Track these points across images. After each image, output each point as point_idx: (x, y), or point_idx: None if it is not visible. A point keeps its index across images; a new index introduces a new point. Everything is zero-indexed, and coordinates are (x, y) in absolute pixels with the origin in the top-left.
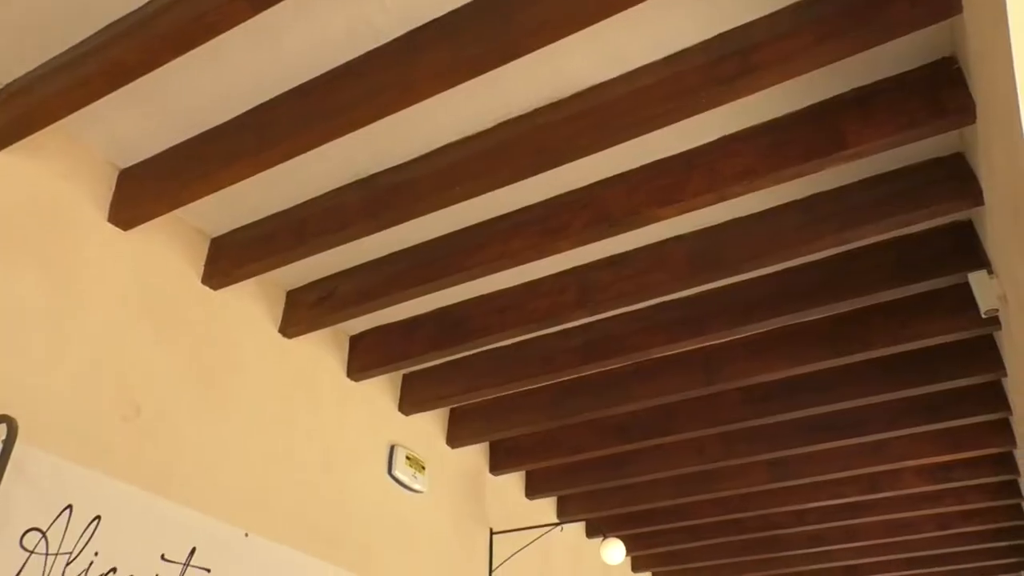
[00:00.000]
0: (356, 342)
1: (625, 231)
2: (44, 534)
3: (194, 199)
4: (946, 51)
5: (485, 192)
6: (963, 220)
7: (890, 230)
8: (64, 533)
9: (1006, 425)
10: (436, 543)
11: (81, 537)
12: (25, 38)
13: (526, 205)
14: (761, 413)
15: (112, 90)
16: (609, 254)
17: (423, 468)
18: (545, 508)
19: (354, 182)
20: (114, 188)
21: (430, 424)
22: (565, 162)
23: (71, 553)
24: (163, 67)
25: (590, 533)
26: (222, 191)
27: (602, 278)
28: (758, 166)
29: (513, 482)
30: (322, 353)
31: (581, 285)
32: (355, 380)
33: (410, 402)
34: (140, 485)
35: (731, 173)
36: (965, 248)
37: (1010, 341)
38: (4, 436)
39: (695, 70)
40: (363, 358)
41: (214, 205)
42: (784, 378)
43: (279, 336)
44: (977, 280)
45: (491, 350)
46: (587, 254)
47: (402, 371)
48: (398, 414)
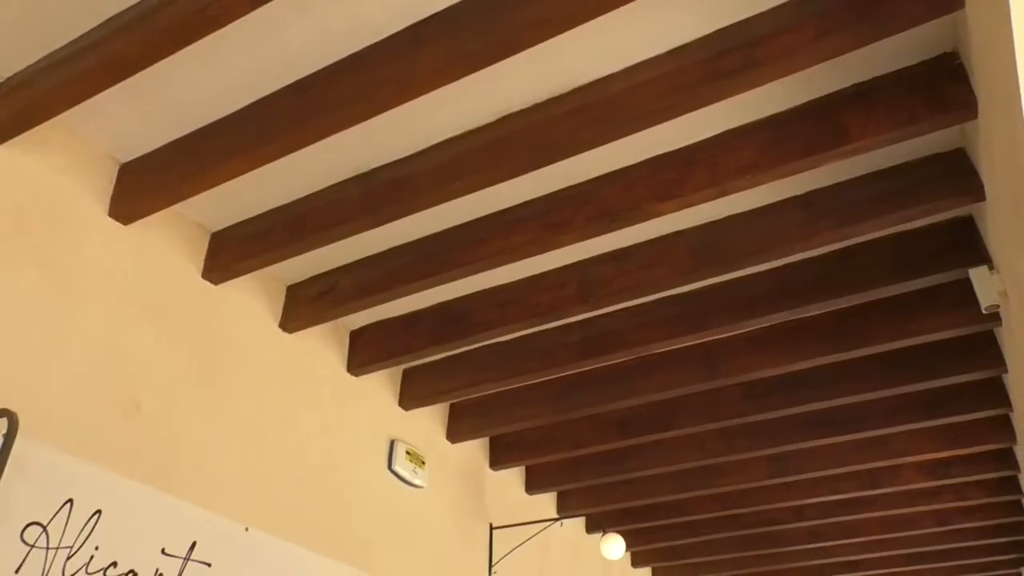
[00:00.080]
0: (356, 337)
1: (626, 226)
2: (45, 528)
3: (194, 193)
4: (948, 46)
5: (486, 187)
6: (964, 216)
7: (890, 226)
8: (65, 527)
9: (1006, 421)
10: (436, 538)
11: (82, 531)
12: (26, 32)
13: (527, 200)
14: (761, 408)
15: (113, 84)
16: (610, 249)
17: (423, 463)
18: (545, 503)
19: (354, 177)
20: (114, 182)
21: (430, 419)
22: (566, 157)
23: (72, 547)
24: (163, 61)
25: (590, 528)
26: (222, 186)
27: (603, 273)
28: (760, 161)
29: (513, 477)
30: (322, 348)
31: (582, 280)
32: (355, 375)
33: (410, 397)
34: (140, 479)
35: (732, 168)
36: (966, 244)
37: (1010, 337)
38: (5, 430)
39: (696, 65)
40: (363, 353)
41: (214, 200)
42: (785, 373)
43: (279, 331)
44: (978, 276)
45: (492, 345)
46: (588, 249)
47: (402, 366)
48: (398, 409)
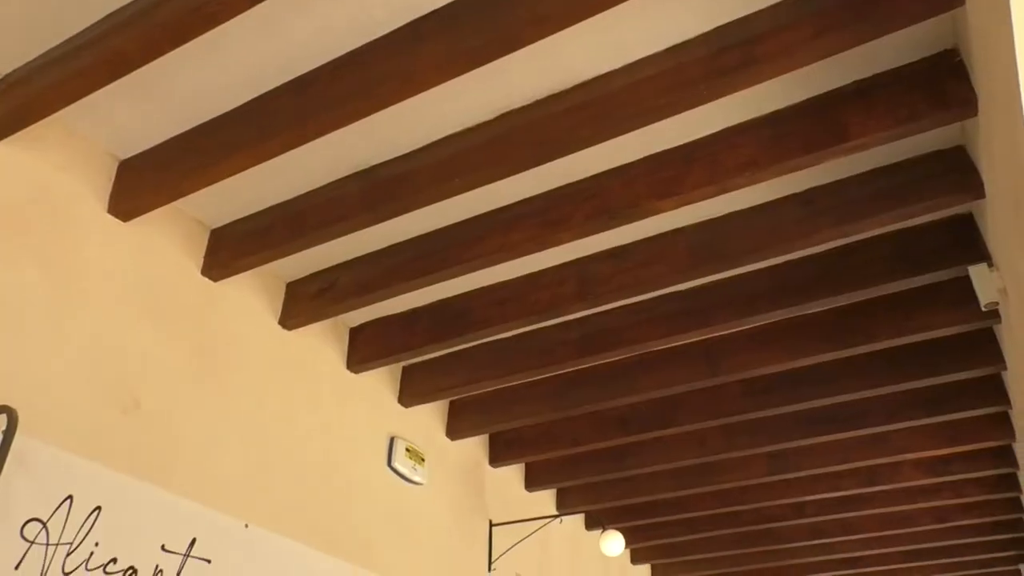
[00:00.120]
0: (356, 334)
1: (625, 223)
2: (44, 524)
3: (194, 190)
4: (948, 43)
5: (485, 184)
6: (963, 213)
7: (890, 223)
8: (64, 524)
9: (1005, 418)
10: (436, 535)
11: (81, 528)
12: (23, 29)
13: (527, 197)
14: (762, 405)
15: (111, 81)
16: (609, 246)
17: (423, 460)
18: (545, 500)
19: (354, 173)
20: (113, 179)
21: (430, 416)
22: (566, 154)
23: (71, 543)
24: (163, 58)
25: (589, 525)
26: (222, 182)
27: (602, 270)
28: (759, 158)
29: (513, 474)
30: (322, 345)
31: (581, 277)
32: (355, 372)
33: (410, 394)
34: (140, 476)
35: (732, 165)
36: (965, 241)
37: (1010, 334)
38: (4, 427)
39: (696, 62)
40: (363, 350)
41: (214, 196)
42: (785, 370)
43: (279, 328)
44: (977, 273)
45: (491, 342)
46: (588, 246)
47: (402, 363)
48: (398, 406)
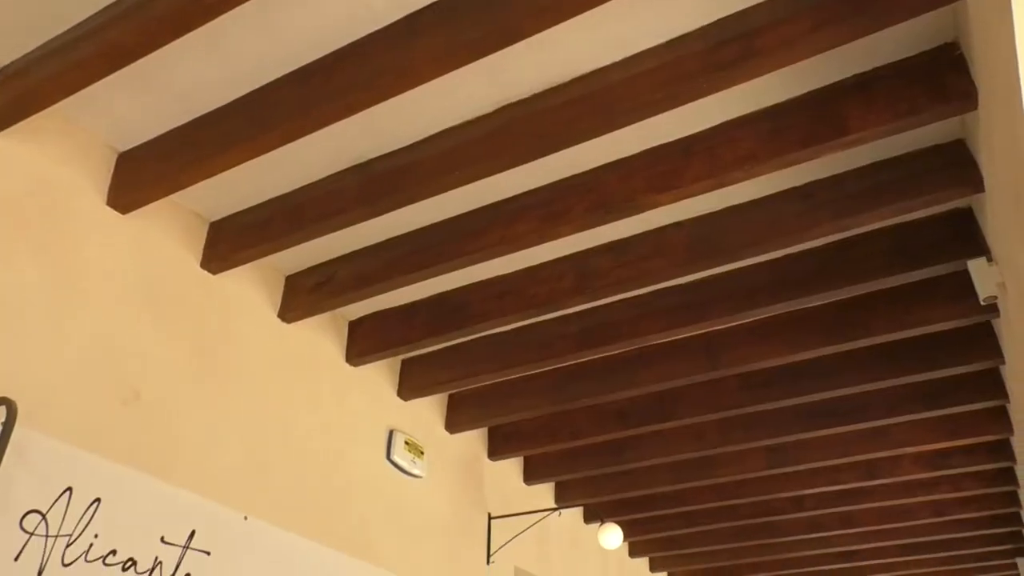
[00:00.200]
0: (355, 327)
1: (624, 217)
2: (44, 516)
3: (193, 183)
4: (948, 37)
5: (485, 177)
6: (963, 207)
7: (889, 217)
8: (64, 515)
9: (1003, 413)
10: (435, 528)
11: (81, 519)
12: (22, 20)
13: (526, 190)
14: (761, 399)
15: (110, 72)
16: (608, 240)
17: (422, 453)
18: (543, 493)
19: (353, 166)
20: (112, 172)
21: (429, 409)
22: (564, 147)
23: (71, 535)
24: (161, 49)
25: (588, 518)
26: (221, 175)
27: (601, 264)
28: (758, 152)
29: (511, 467)
30: (321, 338)
31: (580, 271)
32: (354, 365)
33: (409, 387)
34: (140, 468)
35: (731, 159)
36: (964, 235)
37: (1008, 329)
38: (3, 418)
39: (695, 55)
40: (362, 343)
41: (213, 189)
42: (784, 364)
43: (278, 321)
44: (976, 267)
45: (490, 336)
46: (586, 240)
47: (401, 356)
48: (397, 399)
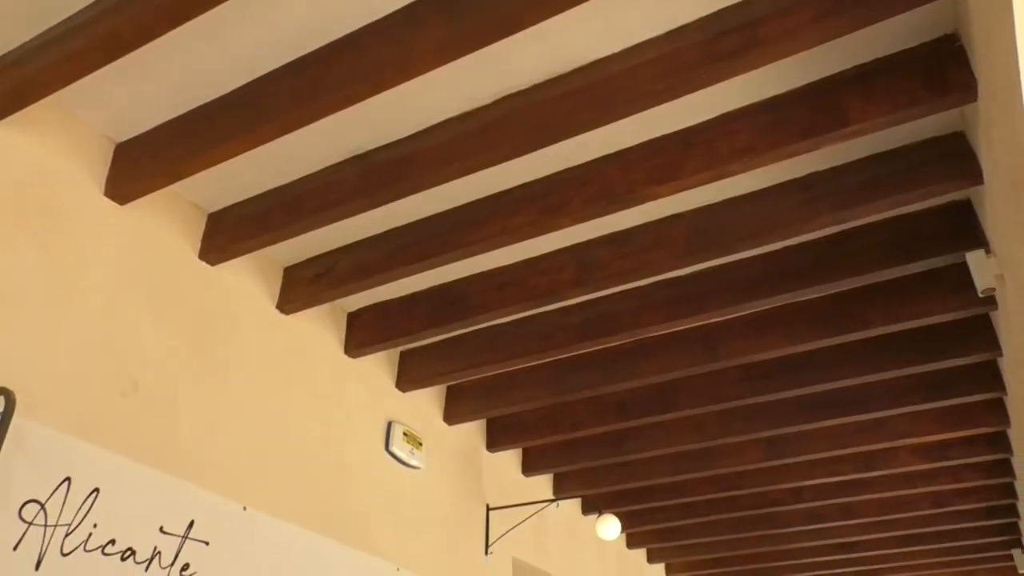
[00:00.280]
0: (354, 318)
1: (623, 209)
2: (43, 506)
3: (191, 174)
4: (948, 28)
5: (484, 168)
6: (961, 199)
7: (888, 209)
8: (63, 505)
9: (1000, 405)
10: (433, 519)
11: (80, 509)
12: (18, 11)
13: (526, 182)
14: (760, 391)
15: (107, 63)
16: (607, 232)
17: (420, 444)
18: (542, 485)
19: (352, 157)
20: (110, 162)
21: (427, 401)
22: (564, 138)
23: (70, 525)
24: (159, 40)
25: (586, 510)
26: (219, 166)
27: (601, 256)
28: (757, 144)
29: (510, 459)
30: (320, 329)
31: (580, 263)
32: (353, 356)
33: (408, 379)
34: (139, 458)
35: (730, 151)
36: (963, 227)
37: (1006, 321)
38: (2, 408)
39: (694, 46)
40: (361, 334)
41: (211, 180)
42: (783, 356)
43: (277, 312)
44: (975, 260)
45: (489, 327)
46: (586, 232)
47: (400, 348)
48: (396, 391)
